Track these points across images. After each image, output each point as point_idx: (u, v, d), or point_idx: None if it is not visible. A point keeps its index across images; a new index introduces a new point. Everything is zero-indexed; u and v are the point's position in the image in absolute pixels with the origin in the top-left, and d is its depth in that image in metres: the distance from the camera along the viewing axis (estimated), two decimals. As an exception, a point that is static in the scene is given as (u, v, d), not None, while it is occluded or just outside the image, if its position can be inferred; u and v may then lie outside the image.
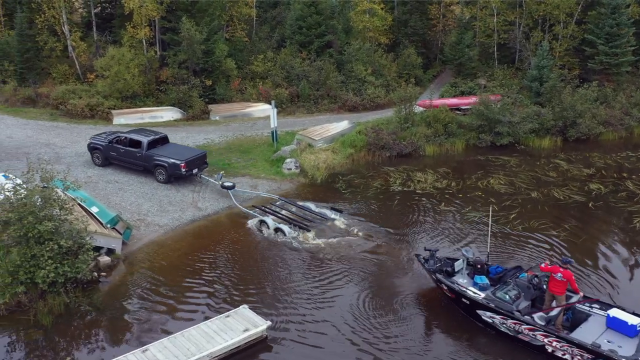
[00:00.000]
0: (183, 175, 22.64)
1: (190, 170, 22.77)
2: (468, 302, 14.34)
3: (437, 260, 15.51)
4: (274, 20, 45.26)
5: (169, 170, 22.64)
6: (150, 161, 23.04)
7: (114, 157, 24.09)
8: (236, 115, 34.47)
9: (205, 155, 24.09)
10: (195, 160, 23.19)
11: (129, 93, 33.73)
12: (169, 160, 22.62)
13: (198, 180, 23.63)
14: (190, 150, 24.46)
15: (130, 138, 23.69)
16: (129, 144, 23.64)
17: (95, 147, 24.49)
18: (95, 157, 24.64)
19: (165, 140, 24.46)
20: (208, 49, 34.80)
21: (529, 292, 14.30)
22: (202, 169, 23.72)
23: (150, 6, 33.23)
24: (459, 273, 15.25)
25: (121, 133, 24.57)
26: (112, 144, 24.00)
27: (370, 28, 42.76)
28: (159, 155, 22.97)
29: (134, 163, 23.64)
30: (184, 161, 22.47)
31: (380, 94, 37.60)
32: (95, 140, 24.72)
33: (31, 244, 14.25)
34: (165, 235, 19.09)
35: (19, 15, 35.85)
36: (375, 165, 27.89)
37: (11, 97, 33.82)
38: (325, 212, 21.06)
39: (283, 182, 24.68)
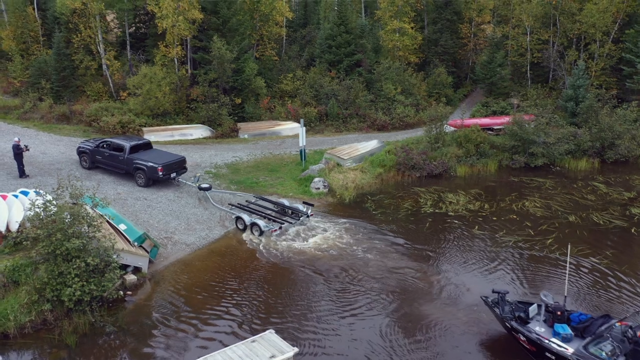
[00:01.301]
0: (160, 178, 23.53)
1: (168, 174, 23.73)
2: (554, 358, 12.63)
3: (508, 304, 13.99)
4: (303, 39, 45.51)
5: (147, 173, 23.59)
6: (130, 165, 24.04)
7: (99, 160, 25.24)
8: (265, 133, 34.47)
9: (184, 161, 25.04)
10: (173, 165, 24.10)
11: (159, 111, 34.13)
12: (147, 164, 23.56)
13: (176, 183, 24.60)
14: (170, 155, 25.19)
15: (114, 143, 24.90)
16: (113, 148, 24.78)
17: (83, 151, 25.70)
18: (83, 160, 25.82)
19: (148, 146, 25.56)
20: (238, 68, 35.06)
21: (623, 346, 12.41)
22: (180, 173, 24.63)
23: (183, 26, 33.72)
24: (534, 320, 13.69)
25: (107, 138, 25.94)
26: (98, 148, 25.16)
27: (400, 47, 42.57)
28: (139, 159, 23.93)
29: (117, 166, 24.67)
30: (161, 165, 23.41)
31: (410, 113, 37.23)
32: (84, 144, 26.02)
33: (59, 261, 14.18)
34: (192, 253, 18.87)
35: (57, 35, 36.87)
36: (404, 185, 27.33)
37: (47, 114, 34.58)
38: (298, 206, 21.94)
39: (311, 201, 24.25)
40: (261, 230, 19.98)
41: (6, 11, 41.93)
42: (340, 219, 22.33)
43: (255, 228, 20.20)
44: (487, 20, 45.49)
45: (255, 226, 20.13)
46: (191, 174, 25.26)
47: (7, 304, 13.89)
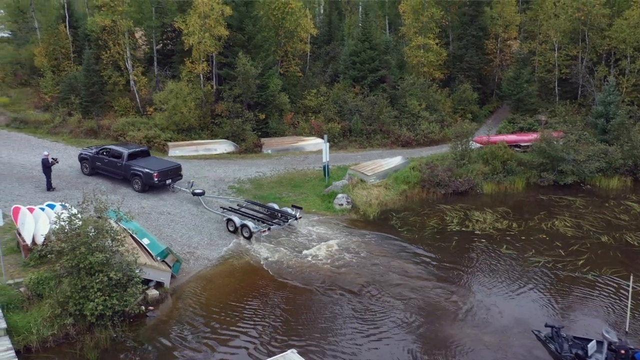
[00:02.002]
0: (156, 184, 24.34)
1: (163, 180, 24.61)
2: None
3: (565, 340, 13.16)
4: (327, 55, 45.66)
5: (143, 179, 24.46)
6: (128, 171, 24.96)
7: (99, 166, 26.17)
8: (288, 149, 34.46)
9: (179, 168, 25.85)
10: (169, 172, 24.97)
11: (185, 126, 34.48)
12: (144, 170, 24.44)
13: (171, 190, 25.36)
14: (166, 162, 26.25)
15: (113, 150, 25.89)
16: (112, 155, 25.75)
17: (84, 157, 26.74)
18: (84, 166, 26.80)
19: (146, 153, 26.54)
20: (262, 84, 35.29)
21: None
22: (176, 180, 25.47)
23: (209, 42, 34.15)
24: (592, 358, 12.81)
25: (106, 145, 27.07)
26: (98, 155, 26.15)
27: (424, 63, 42.33)
28: (136, 165, 24.86)
29: (115, 172, 25.56)
30: (157, 171, 24.29)
31: (435, 130, 36.83)
32: (85, 151, 27.17)
33: (82, 275, 14.18)
34: (214, 269, 18.73)
35: (87, 51, 37.74)
36: (429, 202, 26.87)
37: (75, 129, 35.23)
38: (287, 210, 22.47)
39: (334, 218, 24.02)
40: (251, 232, 20.73)
41: (39, 29, 43.14)
42: (364, 236, 21.97)
43: (245, 229, 20.98)
44: (514, 36, 44.95)
45: (245, 227, 20.93)
46: (212, 186, 25.27)
47: (31, 317, 13.90)
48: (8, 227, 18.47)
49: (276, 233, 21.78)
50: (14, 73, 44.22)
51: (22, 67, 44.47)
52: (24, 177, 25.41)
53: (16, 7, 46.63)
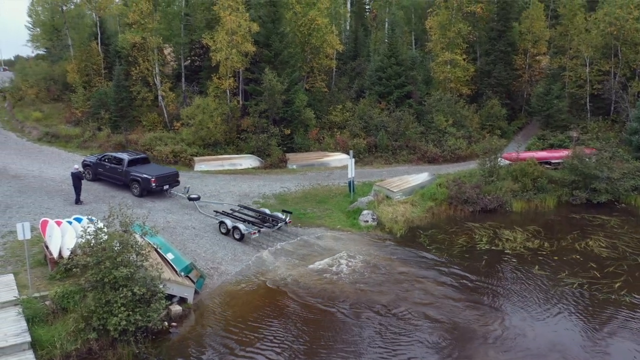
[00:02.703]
0: (153, 189, 25.56)
1: (161, 185, 25.89)
2: None
3: None
4: (353, 71, 45.63)
5: (142, 184, 25.69)
6: (128, 176, 26.25)
7: (101, 172, 27.47)
8: (313, 164, 34.32)
9: (177, 174, 27.09)
10: (166, 177, 26.26)
11: (211, 141, 34.73)
12: (142, 176, 25.72)
13: (168, 195, 26.48)
14: (164, 169, 27.69)
15: (115, 156, 27.29)
16: (113, 161, 27.06)
17: (87, 164, 28.18)
18: (87, 172, 27.95)
19: (145, 160, 27.89)
20: (288, 99, 35.38)
21: None
22: (173, 185, 26.64)
23: (236, 58, 34.46)
24: None
25: (108, 153, 28.77)
26: (100, 162, 27.58)
27: (451, 79, 41.90)
28: (135, 171, 26.15)
29: (116, 178, 26.83)
30: (155, 177, 25.56)
31: (462, 146, 36.27)
32: (88, 159, 28.80)
33: (106, 289, 14.13)
34: (238, 285, 18.50)
35: (118, 67, 38.55)
36: (457, 220, 26.27)
37: (104, 143, 35.84)
38: (277, 214, 23.36)
39: (359, 235, 23.65)
40: (241, 233, 21.50)
41: (73, 46, 44.31)
42: (390, 254, 21.53)
43: (236, 231, 21.74)
44: (543, 51, 44.18)
45: (236, 229, 21.71)
46: (236, 201, 25.21)
47: (55, 331, 13.87)
48: (36, 239, 18.72)
49: (299, 249, 21.53)
50: (47, 89, 45.45)
51: (55, 83, 45.69)
52: (54, 191, 25.81)
53: (51, 25, 48.13)
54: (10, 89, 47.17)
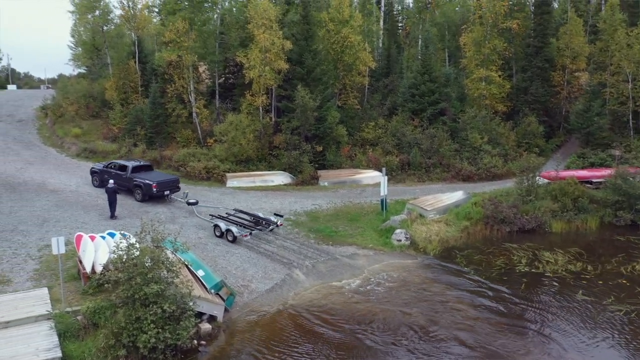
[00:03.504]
0: (155, 194, 26.83)
1: (162, 190, 27.22)
2: None
3: None
4: (385, 88, 45.37)
5: (144, 189, 27.10)
6: (131, 182, 27.72)
7: (107, 179, 27.91)
8: (345, 181, 34.01)
9: (177, 181, 28.65)
10: (167, 183, 27.63)
11: (243, 157, 34.88)
12: (144, 181, 27.14)
13: (168, 200, 27.88)
14: (165, 175, 29.15)
15: (120, 164, 29.07)
16: (118, 168, 28.74)
17: (95, 171, 30.04)
18: (94, 179, 29.92)
19: (149, 167, 29.52)
20: (320, 116, 35.32)
21: None
22: (173, 191, 27.98)
23: (269, 75, 34.70)
24: None
25: (114, 160, 30.54)
26: (106, 169, 29.28)
27: (486, 95, 41.18)
28: (138, 177, 27.64)
29: (120, 184, 27.73)
30: (156, 182, 26.95)
31: (498, 164, 35.40)
32: (95, 166, 30.64)
33: (137, 305, 14.03)
34: (268, 304, 18.19)
35: (154, 85, 39.36)
36: (493, 240, 25.44)
37: (140, 159, 36.39)
38: (270, 218, 24.31)
39: (392, 255, 23.10)
40: (234, 236, 22.44)
41: (111, 64, 45.56)
42: (424, 274, 20.91)
43: (229, 234, 22.66)
44: (582, 67, 42.99)
45: (230, 232, 22.64)
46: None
47: (85, 347, 13.83)
48: (71, 253, 18.92)
49: (330, 267, 21.12)
50: (86, 106, 46.72)
51: (94, 100, 46.95)
52: (90, 205, 26.23)
53: (92, 44, 49.65)
54: (51, 106, 48.72)
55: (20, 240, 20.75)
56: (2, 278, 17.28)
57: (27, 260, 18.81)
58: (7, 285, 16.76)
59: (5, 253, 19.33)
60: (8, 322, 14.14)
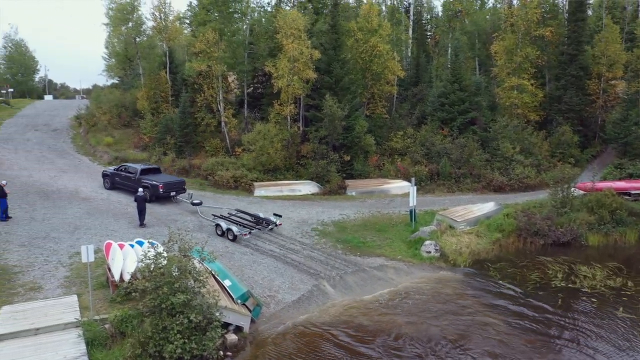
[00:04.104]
0: (161, 194, 28.11)
1: (168, 191, 28.66)
2: None
3: None
4: (414, 97, 44.92)
5: (151, 189, 28.43)
6: (139, 184, 28.86)
7: (117, 181, 30.77)
8: (373, 191, 33.62)
9: (183, 182, 30.16)
10: (173, 185, 29.14)
11: (270, 166, 34.89)
12: (151, 182, 28.73)
13: (174, 200, 29.28)
14: (172, 177, 31.00)
15: (129, 167, 30.78)
16: (127, 171, 30.45)
17: (106, 174, 31.86)
18: (106, 182, 31.71)
19: (157, 170, 31.21)
20: (348, 125, 35.11)
21: None
22: (179, 192, 29.39)
23: (297, 85, 34.72)
24: None
25: (123, 164, 32.45)
26: (117, 171, 31.08)
27: (518, 104, 40.35)
28: (146, 179, 29.17)
29: (130, 185, 29.77)
30: (162, 183, 28.54)
31: (530, 174, 34.56)
32: (106, 169, 32.43)
33: (163, 315, 13.97)
34: (295, 315, 17.93)
35: (184, 95, 39.87)
36: (527, 253, 24.66)
37: (169, 167, 36.86)
38: (269, 218, 25.26)
39: (421, 266, 22.59)
40: (234, 234, 23.32)
41: (143, 75, 46.40)
42: (454, 288, 20.33)
43: (230, 233, 23.54)
44: (619, 75, 41.72)
45: (230, 231, 23.55)
46: (295, 227, 24.88)
47: (112, 356, 13.80)
48: (100, 261, 19.07)
49: (357, 279, 20.71)
50: (118, 115, 47.66)
51: (126, 109, 47.87)
52: (120, 213, 26.53)
53: (125, 55, 50.79)
54: (85, 115, 49.90)
55: (52, 247, 21.07)
56: (34, 285, 17.52)
57: (58, 268, 19.05)
58: (38, 292, 16.96)
59: (38, 260, 19.63)
60: (38, 329, 14.25)
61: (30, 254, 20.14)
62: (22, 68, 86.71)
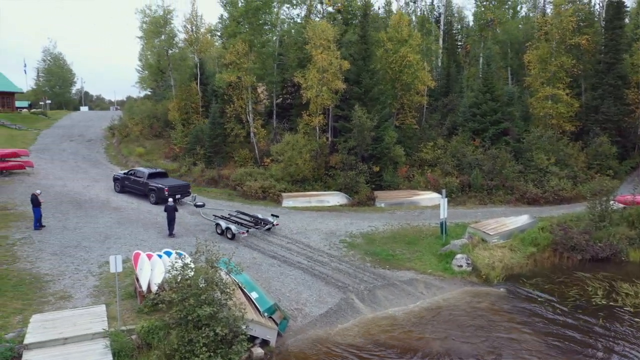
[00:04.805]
0: (166, 197, 28.16)
1: (173, 194, 29.35)
2: None
3: None
4: (445, 107, 44.25)
5: (157, 192, 30.17)
6: (147, 187, 30.99)
7: (127, 185, 32.55)
8: (402, 203, 33.08)
9: (188, 186, 31.93)
10: (178, 188, 30.61)
11: (299, 177, 34.75)
12: (157, 186, 30.41)
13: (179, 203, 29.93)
14: (177, 181, 32.45)
15: (138, 171, 32.60)
16: (136, 175, 32.21)
17: (117, 178, 33.51)
18: (116, 185, 33.34)
19: (164, 174, 32.86)
20: (378, 136, 34.75)
21: None
22: (184, 195, 30.88)
23: (326, 95, 34.60)
24: None
25: (134, 168, 34.05)
26: (126, 175, 32.86)
27: (552, 115, 39.28)
28: (153, 182, 30.93)
29: (138, 189, 31.70)
30: (167, 186, 29.93)
31: (566, 186, 33.49)
32: (117, 174, 34.08)
33: (190, 327, 13.82)
34: (323, 330, 17.57)
35: (214, 105, 40.24)
36: (563, 269, 23.74)
37: (198, 178, 37.13)
38: (267, 218, 26.45)
39: (452, 281, 21.94)
40: (233, 233, 24.39)
41: (175, 86, 47.13)
42: (488, 304, 19.63)
43: (228, 232, 24.63)
44: (660, 84, 40.21)
45: (229, 230, 24.64)
46: (323, 239, 24.58)
47: (138, 368, 13.75)
48: (129, 271, 19.19)
49: (386, 293, 20.21)
50: (150, 126, 48.45)
51: (157, 120, 48.65)
52: (149, 223, 26.74)
53: (157, 67, 51.69)
54: (118, 126, 50.93)
55: (83, 256, 21.31)
56: (64, 293, 17.68)
57: (87, 277, 19.21)
58: (68, 301, 17.09)
59: (68, 269, 19.85)
60: (66, 339, 14.29)
61: (62, 263, 20.40)
62: (60, 80, 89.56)
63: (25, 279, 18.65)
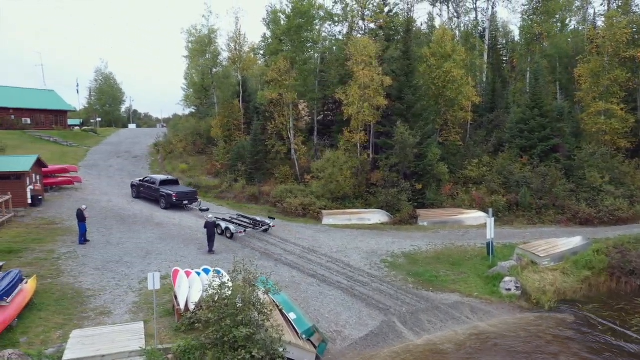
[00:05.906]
0: (175, 202, 32.24)
1: (181, 200, 32.74)
2: None
3: None
4: (490, 123, 43.00)
5: (166, 198, 32.82)
6: (158, 193, 33.62)
7: (142, 191, 35.27)
8: (446, 222, 32.02)
9: (195, 193, 34.52)
10: (186, 194, 33.33)
11: (339, 194, 34.30)
12: (167, 191, 33.03)
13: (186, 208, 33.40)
14: (185, 188, 34.82)
15: (152, 178, 35.10)
16: (150, 182, 34.73)
17: (133, 185, 36.38)
18: (133, 191, 36.18)
19: (175, 182, 35.31)
20: (420, 153, 34.00)
21: None
22: (192, 201, 33.55)
23: (367, 112, 34.19)
24: None
25: (149, 176, 36.51)
26: (142, 182, 35.46)
27: (606, 131, 37.43)
28: (163, 189, 33.46)
29: (151, 194, 34.38)
30: (176, 192, 32.71)
31: (623, 206, 31.64)
32: (134, 181, 36.76)
33: (225, 348, 13.50)
34: (363, 354, 16.89)
35: (255, 122, 40.52)
36: (622, 295, 22.21)
37: (239, 194, 37.26)
38: (265, 220, 28.54)
39: (500, 305, 20.82)
40: (231, 232, 26.64)
41: (218, 103, 47.92)
42: (539, 331, 18.44)
43: (228, 231, 26.89)
44: None
45: (228, 230, 26.89)
46: (364, 258, 23.92)
47: (174, 388, 13.47)
48: (168, 287, 19.10)
49: (430, 316, 19.31)
50: (193, 142, 49.31)
51: (200, 137, 49.48)
52: (190, 239, 26.82)
53: (201, 85, 52.81)
54: (163, 143, 52.11)
55: (124, 271, 21.45)
56: (104, 309, 17.72)
57: (127, 293, 19.25)
58: (107, 317, 17.10)
59: (110, 284, 19.98)
60: (104, 356, 14.20)
61: (103, 278, 20.57)
62: (110, 99, 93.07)
63: (68, 294, 18.86)
